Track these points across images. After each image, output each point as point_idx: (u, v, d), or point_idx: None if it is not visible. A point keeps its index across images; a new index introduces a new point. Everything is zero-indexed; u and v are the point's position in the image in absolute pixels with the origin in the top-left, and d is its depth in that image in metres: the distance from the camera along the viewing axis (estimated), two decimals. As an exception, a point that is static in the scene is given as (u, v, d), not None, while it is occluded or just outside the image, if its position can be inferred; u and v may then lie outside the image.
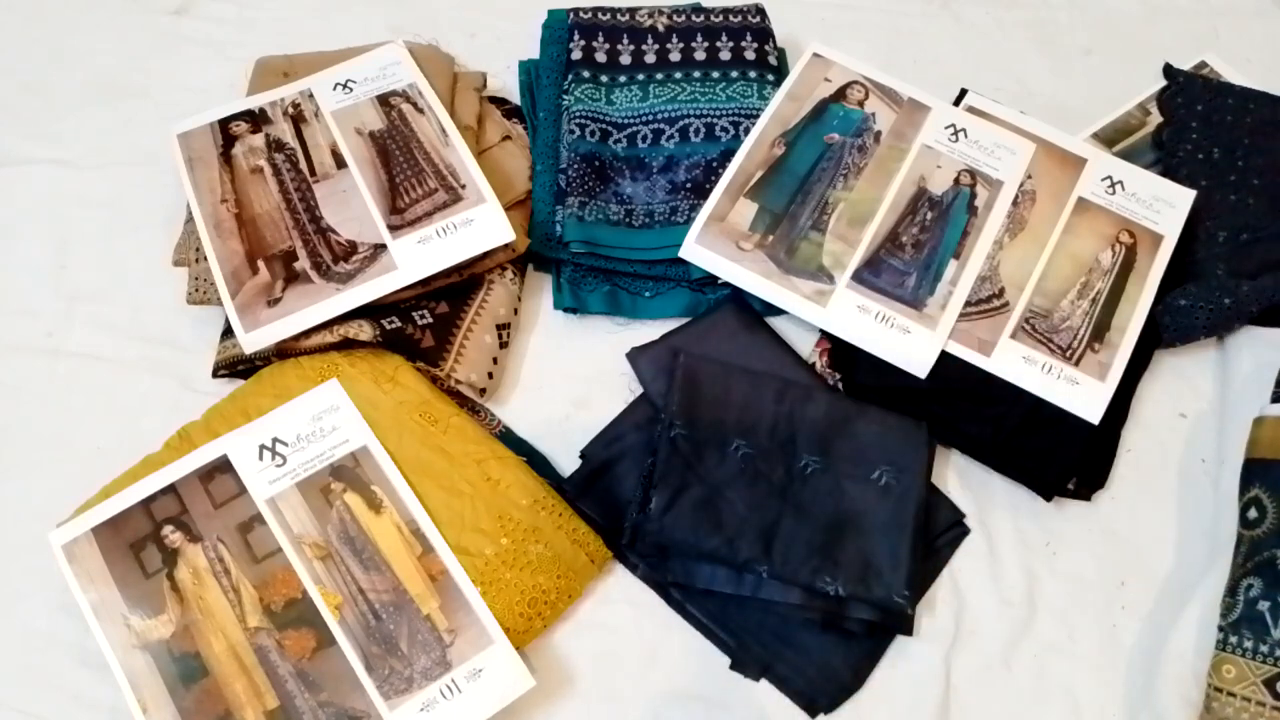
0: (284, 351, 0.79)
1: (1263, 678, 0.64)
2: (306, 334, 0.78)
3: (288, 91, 0.88)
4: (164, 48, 1.00)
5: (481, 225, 0.81)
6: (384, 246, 0.80)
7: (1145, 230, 0.85)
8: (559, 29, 0.94)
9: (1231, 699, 0.65)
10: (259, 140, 0.85)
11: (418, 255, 0.80)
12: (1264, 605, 0.66)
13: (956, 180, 0.87)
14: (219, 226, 0.81)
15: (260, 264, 0.80)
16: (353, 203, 0.82)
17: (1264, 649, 0.64)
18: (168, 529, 0.71)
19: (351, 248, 0.80)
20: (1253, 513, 0.70)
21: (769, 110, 0.89)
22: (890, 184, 0.86)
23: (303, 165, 0.84)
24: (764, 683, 0.72)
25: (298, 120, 0.86)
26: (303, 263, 0.80)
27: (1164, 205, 0.85)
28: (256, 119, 0.86)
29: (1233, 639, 0.66)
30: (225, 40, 1.00)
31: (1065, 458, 0.77)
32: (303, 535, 0.71)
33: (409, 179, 0.83)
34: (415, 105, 0.87)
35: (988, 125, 0.89)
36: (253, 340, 0.77)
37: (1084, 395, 0.78)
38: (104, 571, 0.69)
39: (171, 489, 0.72)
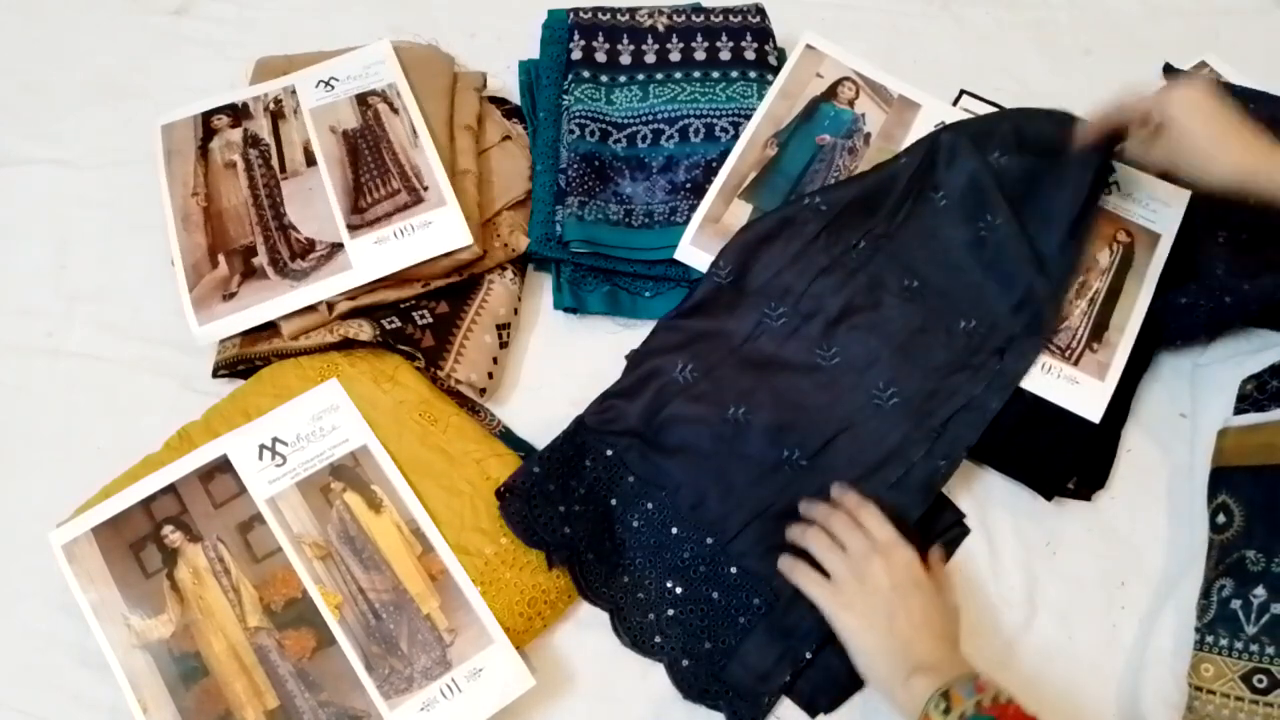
0: (283, 352, 0.79)
1: (1239, 673, 0.66)
2: (306, 334, 0.78)
3: (272, 87, 0.87)
4: (164, 48, 1.00)
5: (440, 228, 0.80)
6: (341, 246, 0.80)
7: (1142, 229, 0.85)
8: (559, 29, 0.94)
9: (1212, 696, 0.66)
10: (236, 135, 0.85)
11: (374, 256, 0.79)
12: (1236, 604, 0.68)
13: (950, 180, 0.86)
14: (187, 219, 0.81)
15: (220, 258, 0.80)
16: (316, 201, 0.82)
17: (1239, 645, 0.66)
18: (168, 529, 0.71)
19: (310, 245, 0.80)
20: (1221, 518, 0.72)
21: (761, 108, 0.89)
22: (883, 186, 0.86)
23: (274, 162, 0.84)
24: (764, 682, 0.72)
25: (276, 116, 0.86)
26: (261, 259, 0.80)
27: (1160, 205, 0.85)
28: (238, 113, 0.86)
29: (1209, 639, 0.68)
30: (225, 40, 1.00)
31: (1065, 457, 0.77)
32: (303, 535, 0.71)
33: (374, 179, 0.83)
34: (391, 105, 0.87)
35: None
36: (205, 333, 0.78)
37: (1084, 395, 0.78)
38: (104, 571, 0.69)
39: (171, 489, 0.72)
